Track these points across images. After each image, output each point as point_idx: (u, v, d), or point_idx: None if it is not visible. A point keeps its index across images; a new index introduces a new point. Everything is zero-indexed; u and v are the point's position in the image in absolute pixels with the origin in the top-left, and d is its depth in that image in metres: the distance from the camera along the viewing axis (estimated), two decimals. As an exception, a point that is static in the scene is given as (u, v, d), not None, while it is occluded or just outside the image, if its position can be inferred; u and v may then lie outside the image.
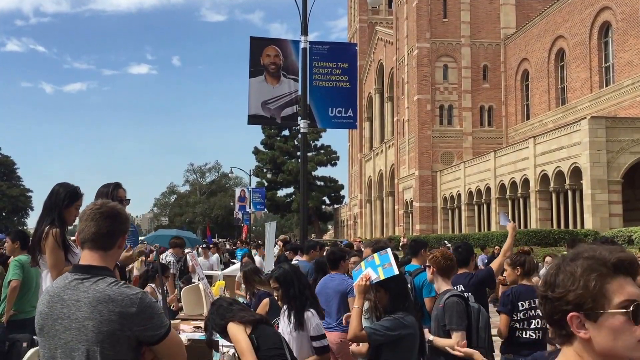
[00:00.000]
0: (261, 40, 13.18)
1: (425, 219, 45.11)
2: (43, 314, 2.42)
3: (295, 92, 12.87)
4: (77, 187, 4.38)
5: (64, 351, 2.36)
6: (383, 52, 55.76)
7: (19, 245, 7.23)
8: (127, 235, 2.69)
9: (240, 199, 45.15)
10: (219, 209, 72.76)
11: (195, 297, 8.11)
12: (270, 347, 3.92)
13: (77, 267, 2.51)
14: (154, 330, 2.38)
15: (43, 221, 4.16)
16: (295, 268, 5.10)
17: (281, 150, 64.04)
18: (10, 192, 62.43)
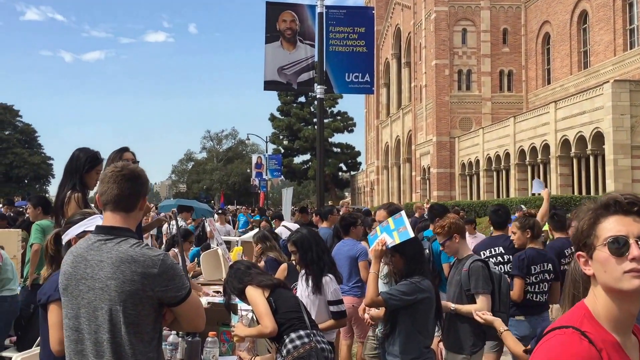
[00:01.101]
0: (277, 5, 13.02)
1: (443, 186, 44.94)
2: (67, 273, 2.47)
3: (311, 57, 12.75)
4: (97, 152, 4.42)
5: (88, 310, 2.40)
6: (400, 17, 54.91)
7: (41, 210, 7.35)
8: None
9: (257, 165, 45.24)
10: (236, 175, 73.03)
11: (214, 262, 8.21)
12: (288, 310, 3.97)
13: (99, 228, 2.53)
14: (175, 292, 2.41)
15: (65, 186, 4.23)
16: (313, 232, 5.12)
17: (297, 117, 63.84)
18: (32, 159, 63.10)
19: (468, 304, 4.56)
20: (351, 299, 6.22)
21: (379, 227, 4.49)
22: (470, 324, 4.47)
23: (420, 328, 4.27)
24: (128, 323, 2.36)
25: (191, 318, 2.53)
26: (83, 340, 2.42)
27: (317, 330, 4.08)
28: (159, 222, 6.10)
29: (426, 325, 4.32)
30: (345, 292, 6.21)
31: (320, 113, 13.10)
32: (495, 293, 4.64)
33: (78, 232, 3.12)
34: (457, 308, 4.59)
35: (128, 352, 2.37)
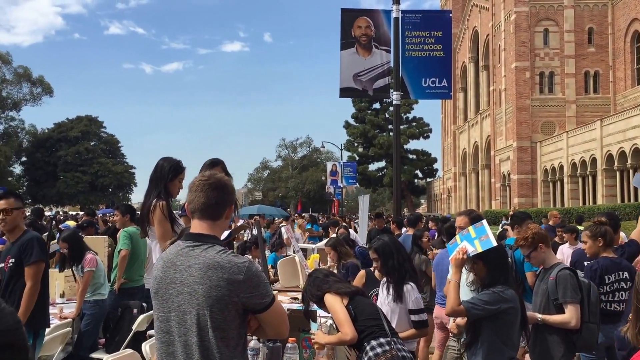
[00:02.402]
0: (352, 11, 13.04)
1: (524, 192, 43.57)
2: (158, 278, 2.55)
3: (387, 63, 12.67)
4: (179, 161, 4.51)
5: (177, 314, 2.47)
6: (478, 19, 53.84)
7: (129, 218, 7.67)
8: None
9: (332, 173, 45.40)
10: (311, 183, 73.58)
11: (291, 269, 8.27)
12: (368, 317, 3.92)
13: (188, 235, 2.60)
14: (260, 299, 2.45)
15: (150, 194, 4.32)
16: (394, 240, 5.06)
17: (372, 123, 63.64)
18: (116, 169, 65.87)
19: (556, 314, 4.39)
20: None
21: (459, 235, 4.37)
22: (560, 334, 4.31)
23: (504, 339, 4.12)
24: (215, 327, 2.40)
25: (275, 325, 2.56)
26: (174, 343, 2.49)
27: (398, 338, 4.01)
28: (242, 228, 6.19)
29: (510, 336, 4.16)
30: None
31: (397, 119, 12.98)
32: (585, 302, 4.43)
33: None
34: (545, 319, 4.42)
35: (216, 356, 2.41)
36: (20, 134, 64.00)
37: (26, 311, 4.54)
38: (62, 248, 7.21)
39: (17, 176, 65.84)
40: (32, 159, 64.76)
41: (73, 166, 63.52)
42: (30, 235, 4.68)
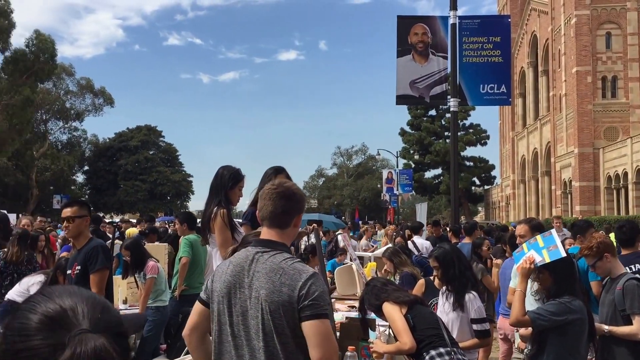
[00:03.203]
0: (408, 18, 12.98)
1: (586, 200, 42.20)
2: (227, 282, 2.59)
3: (444, 69, 12.55)
4: (239, 169, 4.57)
5: (244, 318, 2.51)
6: (537, 23, 52.67)
7: (187, 226, 7.81)
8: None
9: (388, 180, 45.15)
10: (366, 191, 73.36)
11: (348, 277, 8.24)
12: (427, 327, 3.89)
13: (258, 241, 2.66)
14: (314, 308, 2.42)
15: (211, 202, 4.38)
16: (455, 248, 4.99)
17: (428, 130, 63.00)
18: (174, 177, 67.24)
19: (623, 325, 4.24)
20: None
21: (526, 244, 4.27)
22: (628, 346, 4.17)
23: (571, 350, 4.00)
24: (278, 333, 2.42)
25: (320, 343, 2.39)
26: (240, 347, 2.52)
27: (458, 348, 3.95)
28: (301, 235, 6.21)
29: (578, 348, 4.04)
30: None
31: (454, 126, 12.81)
32: None
33: None
34: (612, 330, 4.26)
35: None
36: (82, 143, 66.11)
37: None
38: (125, 255, 7.38)
39: (80, 185, 68.05)
40: (94, 168, 66.84)
41: (133, 175, 65.19)
42: (95, 243, 4.76)
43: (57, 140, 62.07)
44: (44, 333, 1.04)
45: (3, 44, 39.84)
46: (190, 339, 2.76)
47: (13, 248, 7.00)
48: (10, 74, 40.18)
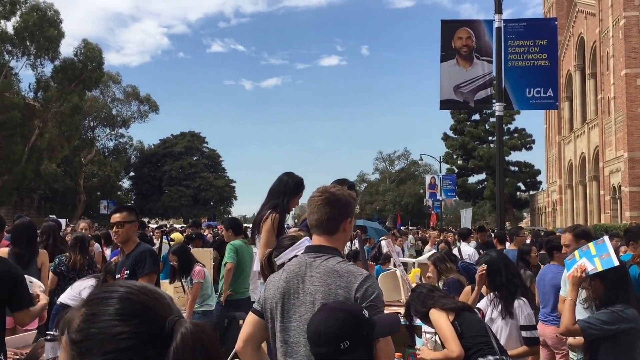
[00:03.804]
0: (452, 22, 12.88)
1: (636, 206, 40.95)
2: (280, 289, 2.59)
3: (489, 74, 12.39)
4: (302, 180, 4.62)
5: (298, 324, 2.51)
6: (583, 25, 51.53)
7: (232, 232, 7.89)
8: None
9: (431, 186, 44.78)
10: (409, 196, 72.88)
11: (393, 283, 8.20)
12: (475, 334, 3.84)
13: (309, 247, 2.68)
14: (372, 310, 2.40)
15: (266, 205, 4.45)
16: (502, 255, 4.92)
17: (471, 135, 62.25)
18: (217, 183, 68.06)
19: None
20: (555, 329, 5.84)
21: (578, 252, 4.18)
22: None
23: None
24: None
25: (380, 343, 2.41)
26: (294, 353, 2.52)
27: (507, 356, 3.89)
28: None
29: (632, 356, 3.93)
30: (550, 321, 5.89)
31: (499, 131, 12.64)
32: None
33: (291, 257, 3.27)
34: None
35: None
36: (128, 150, 67.52)
37: None
38: (172, 260, 7.50)
39: (126, 190, 69.46)
40: (139, 174, 68.22)
41: (177, 180, 66.28)
42: (142, 248, 4.83)
43: (104, 147, 63.65)
44: (142, 318, 1.12)
45: (53, 53, 41.01)
46: (244, 351, 2.73)
47: (75, 255, 7.16)
48: (60, 83, 41.35)
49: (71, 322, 1.14)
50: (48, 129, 40.53)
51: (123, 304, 1.13)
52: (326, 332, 2.22)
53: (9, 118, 36.86)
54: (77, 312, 1.15)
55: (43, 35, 39.33)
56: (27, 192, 50.82)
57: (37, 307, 4.28)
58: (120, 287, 1.17)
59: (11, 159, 38.55)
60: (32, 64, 41.32)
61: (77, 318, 1.13)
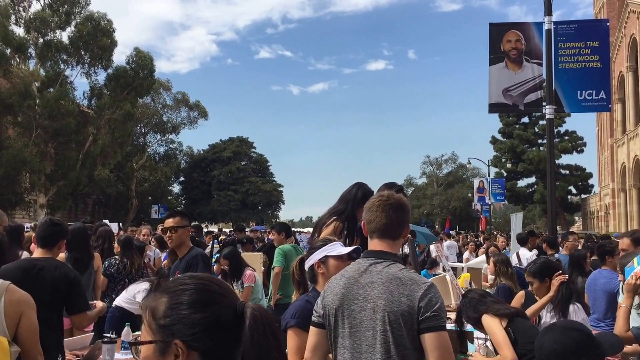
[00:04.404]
0: (501, 25, 12.70)
1: (694, 210, 39.51)
2: (339, 295, 2.56)
3: (539, 76, 12.17)
4: (372, 192, 4.58)
5: (359, 330, 2.48)
6: (636, 25, 50.04)
7: (284, 235, 8.00)
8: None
9: (479, 190, 44.17)
10: (457, 200, 72.00)
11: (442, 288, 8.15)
12: (529, 340, 3.79)
13: (369, 252, 2.65)
14: (434, 321, 2.39)
15: (333, 210, 4.48)
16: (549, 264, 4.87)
17: (520, 138, 61.11)
18: (265, 187, 68.60)
19: None
20: None
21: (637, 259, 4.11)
22: None
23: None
24: (397, 344, 2.39)
25: (442, 353, 2.39)
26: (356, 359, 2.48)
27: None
28: None
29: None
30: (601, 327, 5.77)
31: (550, 134, 12.41)
32: None
33: (320, 257, 3.31)
34: None
35: None
36: (178, 155, 68.63)
37: None
38: (223, 264, 7.61)
39: (176, 195, 70.73)
40: (189, 179, 69.35)
41: (226, 185, 67.11)
42: (195, 252, 4.88)
43: (155, 153, 65.03)
44: (219, 304, 1.36)
45: (106, 62, 42.21)
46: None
47: (122, 258, 7.38)
48: (112, 90, 42.54)
49: (156, 310, 1.34)
50: (101, 135, 41.74)
51: (202, 293, 1.36)
52: (563, 351, 2.25)
53: (64, 125, 38.16)
54: (159, 301, 1.35)
55: (97, 45, 40.56)
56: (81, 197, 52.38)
57: (94, 311, 4.41)
58: (196, 279, 1.39)
59: (66, 165, 39.85)
60: (86, 72, 42.75)
61: (161, 306, 1.34)
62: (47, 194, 39.96)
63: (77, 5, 40.74)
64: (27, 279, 3.93)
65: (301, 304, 3.28)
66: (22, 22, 39.90)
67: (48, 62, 40.17)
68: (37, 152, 37.95)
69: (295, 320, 3.18)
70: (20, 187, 38.35)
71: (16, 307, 3.23)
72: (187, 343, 1.31)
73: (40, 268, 4.02)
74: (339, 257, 3.30)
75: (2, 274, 3.94)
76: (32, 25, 39.17)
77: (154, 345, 1.34)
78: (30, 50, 39.79)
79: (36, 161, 37.02)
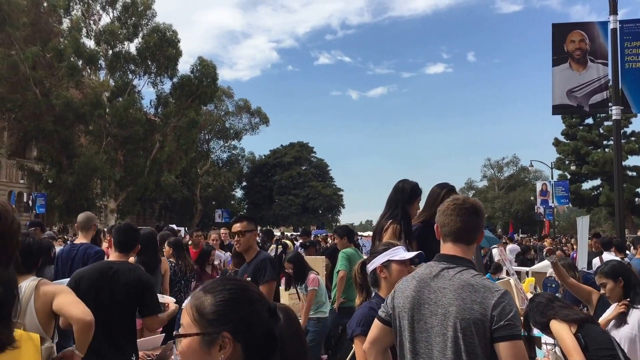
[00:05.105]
0: (564, 26, 12.50)
1: None
2: (410, 298, 2.55)
3: (604, 77, 11.91)
4: (417, 184, 4.59)
5: (429, 335, 2.46)
6: None
7: (347, 239, 8.09)
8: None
9: (542, 193, 43.09)
10: (519, 203, 70.30)
11: (506, 293, 8.09)
12: (600, 347, 3.71)
13: (442, 256, 2.60)
14: (508, 330, 2.34)
15: (386, 215, 4.47)
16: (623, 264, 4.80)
17: (585, 140, 59.12)
18: (325, 191, 68.86)
19: None
20: None
21: None
22: None
23: None
24: (469, 352, 2.35)
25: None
26: None
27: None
28: None
29: None
30: None
31: (617, 135, 12.13)
32: None
33: (382, 262, 3.32)
34: None
35: None
36: (240, 161, 69.87)
37: None
38: (288, 268, 7.72)
39: (239, 200, 71.98)
40: (251, 184, 70.33)
41: (287, 190, 67.73)
42: (263, 256, 4.95)
43: (218, 158, 66.47)
44: (259, 302, 1.56)
45: (171, 71, 43.51)
46: (370, 352, 2.74)
47: (176, 260, 7.67)
48: (178, 99, 43.80)
49: (202, 307, 1.53)
50: (167, 142, 42.99)
51: (244, 292, 1.56)
52: None
53: (133, 133, 39.61)
54: (204, 299, 1.54)
55: (163, 55, 41.93)
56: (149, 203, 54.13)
57: (166, 313, 4.58)
58: (236, 281, 1.60)
59: (135, 172, 41.29)
60: (153, 81, 44.25)
61: (207, 303, 1.53)
62: (117, 199, 41.51)
63: (144, 17, 42.30)
64: (103, 280, 4.13)
65: (365, 312, 3.24)
66: (92, 35, 41.77)
67: (117, 73, 41.88)
68: (107, 159, 39.52)
69: (361, 328, 3.15)
70: (92, 193, 39.95)
71: (48, 299, 3.27)
72: (233, 335, 1.48)
73: (115, 271, 4.19)
74: (401, 261, 3.28)
75: (79, 276, 4.18)
76: (102, 37, 40.93)
77: (200, 338, 1.49)
78: (101, 61, 41.54)
79: (106, 168, 38.57)
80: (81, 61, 39.35)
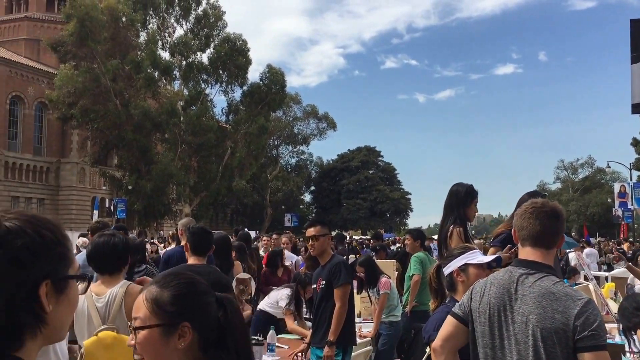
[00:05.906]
0: (643, 22, 12.06)
1: None
2: (490, 304, 2.50)
3: (688, 74, 11.42)
4: (472, 185, 4.59)
5: (509, 342, 2.43)
6: None
7: (420, 243, 8.09)
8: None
9: (620, 194, 41.26)
10: (595, 206, 67.57)
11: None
12: None
13: (521, 261, 2.55)
14: (593, 340, 2.28)
15: (447, 221, 4.49)
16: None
17: (666, 139, 56.34)
18: (392, 195, 68.40)
19: None
20: None
21: None
22: None
23: None
24: None
25: None
26: None
27: None
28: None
29: None
30: None
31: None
32: None
33: (460, 265, 3.29)
34: None
35: None
36: (309, 165, 70.56)
37: (336, 329, 4.87)
38: (359, 272, 7.79)
39: (307, 204, 72.59)
40: (319, 188, 70.75)
41: (354, 194, 67.70)
42: (337, 260, 5.02)
43: (286, 164, 67.41)
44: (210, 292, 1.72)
45: (241, 80, 44.63)
46: (441, 350, 2.70)
47: (253, 264, 7.91)
48: (248, 106, 44.90)
49: (160, 300, 1.67)
50: (238, 148, 44.08)
51: (196, 285, 1.71)
52: None
53: (206, 140, 40.93)
54: (161, 292, 1.68)
55: (233, 64, 43.10)
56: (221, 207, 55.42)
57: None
58: (186, 275, 1.75)
59: (208, 177, 42.60)
60: (224, 90, 45.56)
61: (165, 295, 1.67)
62: (192, 204, 42.81)
63: (215, 28, 43.62)
64: None
65: (441, 317, 3.14)
66: (167, 46, 43.45)
67: (190, 82, 43.35)
68: (182, 166, 41.01)
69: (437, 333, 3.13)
70: (168, 198, 41.52)
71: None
72: (192, 324, 1.61)
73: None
74: (479, 265, 3.24)
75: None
76: (176, 49, 42.48)
77: (160, 329, 1.62)
78: (175, 72, 43.09)
79: (181, 174, 39.98)
80: (157, 72, 40.96)
